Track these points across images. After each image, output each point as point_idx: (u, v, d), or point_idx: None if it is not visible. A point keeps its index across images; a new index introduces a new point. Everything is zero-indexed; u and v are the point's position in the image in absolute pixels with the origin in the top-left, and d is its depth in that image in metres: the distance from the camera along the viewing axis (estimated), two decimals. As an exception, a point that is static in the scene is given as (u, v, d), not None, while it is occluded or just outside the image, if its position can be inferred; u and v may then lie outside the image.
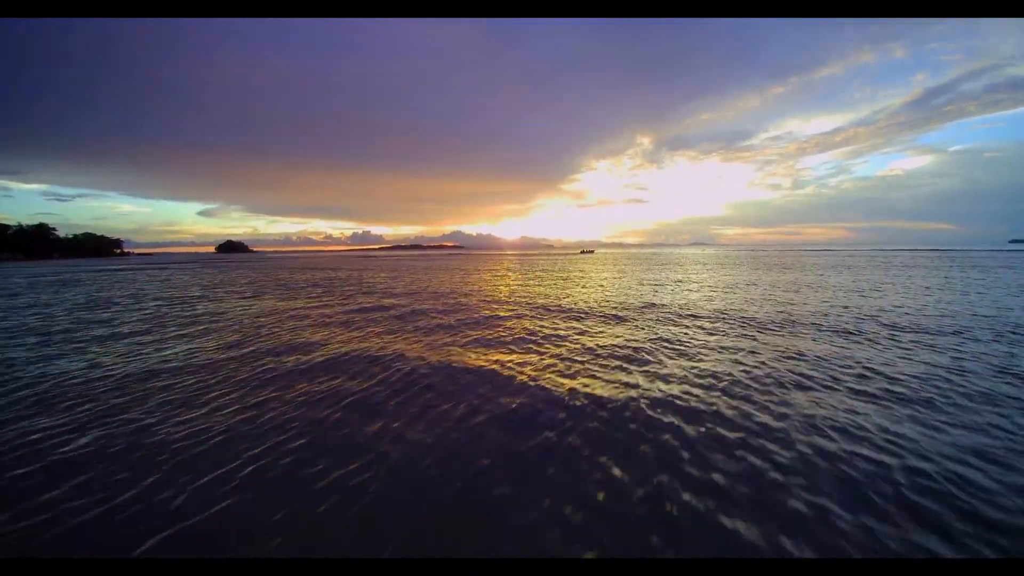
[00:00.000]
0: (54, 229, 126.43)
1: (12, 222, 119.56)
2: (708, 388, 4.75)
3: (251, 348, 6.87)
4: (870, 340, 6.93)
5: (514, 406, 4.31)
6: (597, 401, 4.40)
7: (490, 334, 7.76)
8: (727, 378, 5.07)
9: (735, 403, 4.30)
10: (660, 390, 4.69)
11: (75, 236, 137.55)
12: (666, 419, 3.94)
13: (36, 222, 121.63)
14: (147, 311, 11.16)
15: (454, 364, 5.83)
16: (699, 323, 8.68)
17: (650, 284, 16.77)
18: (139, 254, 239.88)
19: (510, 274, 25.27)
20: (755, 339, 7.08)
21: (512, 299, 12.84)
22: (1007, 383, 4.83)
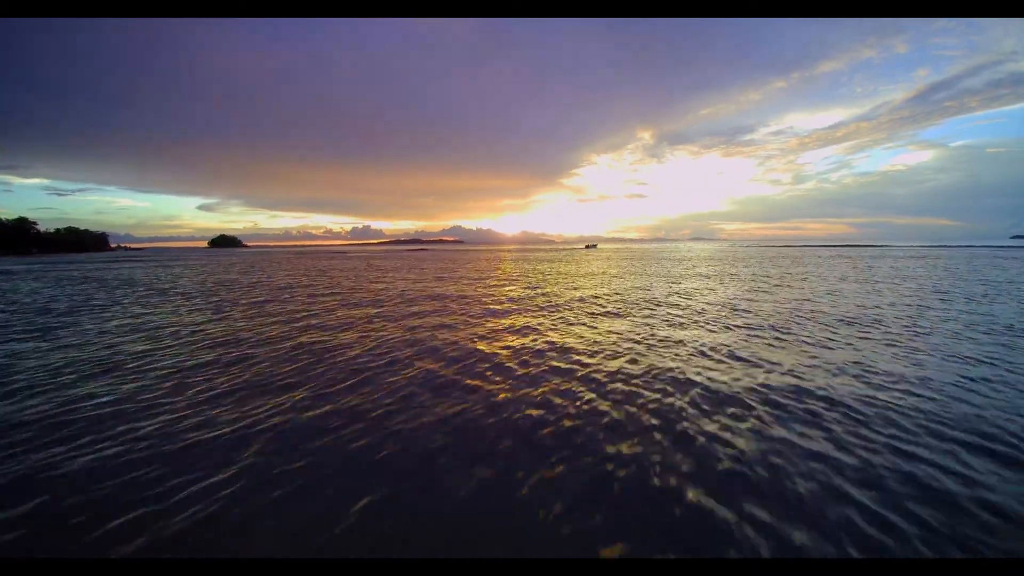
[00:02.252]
0: (35, 224, 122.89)
1: (11, 216, 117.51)
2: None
3: None
4: None
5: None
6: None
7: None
8: None
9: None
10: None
11: (57, 231, 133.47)
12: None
13: (38, 217, 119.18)
14: None
15: None
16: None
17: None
18: (128, 248, 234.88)
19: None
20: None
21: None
22: None
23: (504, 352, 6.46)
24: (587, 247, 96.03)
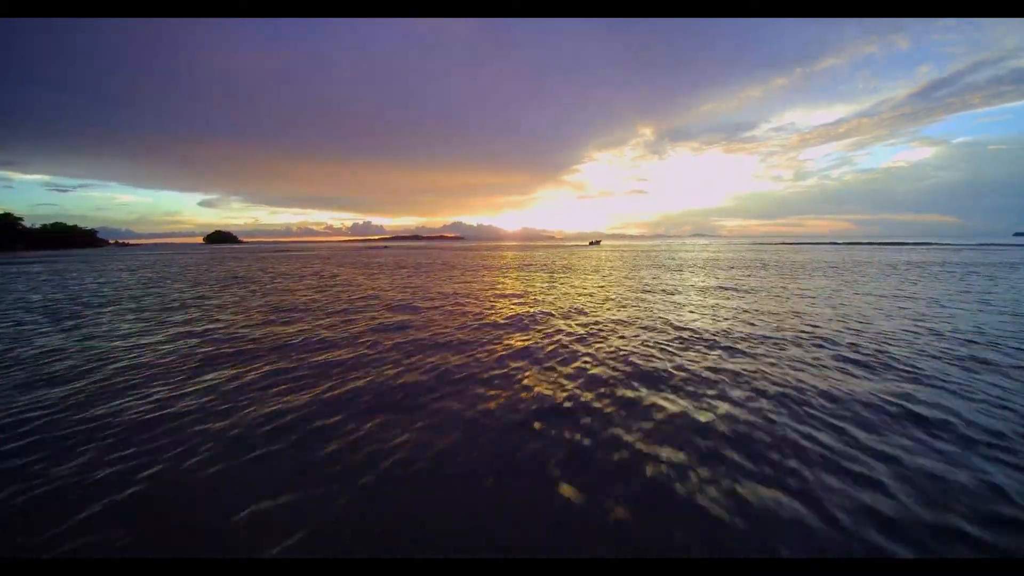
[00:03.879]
0: (20, 219, 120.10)
1: (13, 212, 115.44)
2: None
3: None
4: None
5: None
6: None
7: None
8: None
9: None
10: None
11: (44, 226, 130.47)
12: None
13: (38, 213, 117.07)
14: None
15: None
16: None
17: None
18: (124, 244, 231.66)
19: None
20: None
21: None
22: None
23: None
24: (591, 243, 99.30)
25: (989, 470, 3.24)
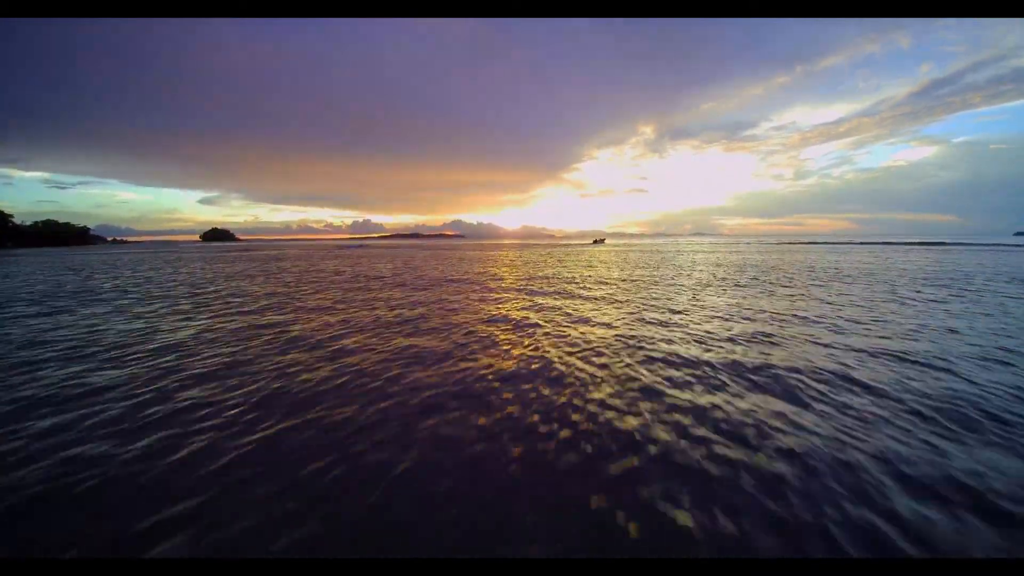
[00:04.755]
0: (11, 217, 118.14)
1: (8, 210, 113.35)
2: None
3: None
4: None
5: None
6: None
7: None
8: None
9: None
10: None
11: (35, 224, 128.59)
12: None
13: (38, 210, 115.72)
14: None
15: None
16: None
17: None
18: (124, 242, 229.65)
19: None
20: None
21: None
22: None
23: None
24: (594, 242, 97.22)
25: None
